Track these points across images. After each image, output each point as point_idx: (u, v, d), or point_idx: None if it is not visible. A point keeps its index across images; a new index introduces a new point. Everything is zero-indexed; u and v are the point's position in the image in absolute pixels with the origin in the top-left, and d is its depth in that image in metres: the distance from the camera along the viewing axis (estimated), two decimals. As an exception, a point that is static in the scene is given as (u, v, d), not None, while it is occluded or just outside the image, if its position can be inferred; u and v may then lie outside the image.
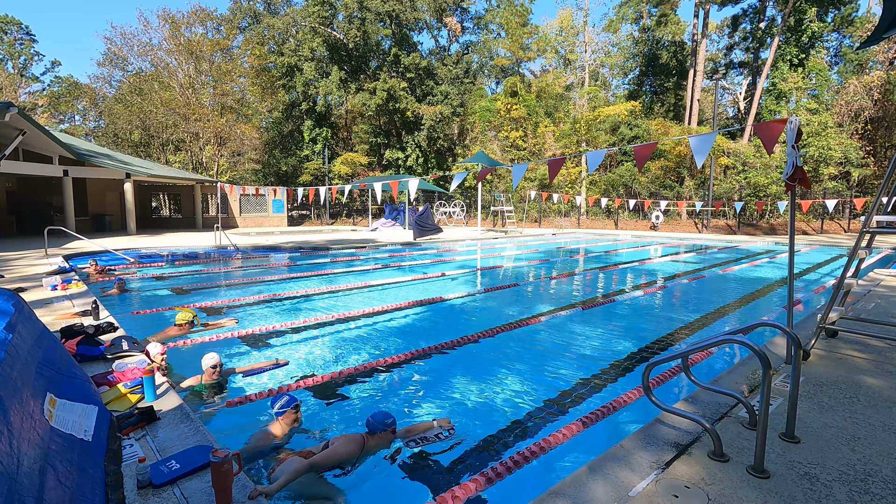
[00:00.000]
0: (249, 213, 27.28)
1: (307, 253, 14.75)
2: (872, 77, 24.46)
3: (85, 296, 6.99)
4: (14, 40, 44.20)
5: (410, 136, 32.15)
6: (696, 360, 4.76)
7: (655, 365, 2.91)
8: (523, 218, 29.74)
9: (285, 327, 6.13)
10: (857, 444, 2.75)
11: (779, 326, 2.81)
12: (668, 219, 26.67)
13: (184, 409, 3.22)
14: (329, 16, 32.53)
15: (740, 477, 2.41)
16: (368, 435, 3.01)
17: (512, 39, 38.30)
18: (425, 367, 4.82)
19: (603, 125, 30.15)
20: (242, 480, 2.37)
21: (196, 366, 4.10)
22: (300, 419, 3.29)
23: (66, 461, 2.13)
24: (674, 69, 37.73)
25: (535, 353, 5.37)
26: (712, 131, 5.16)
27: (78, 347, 4.17)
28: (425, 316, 7.06)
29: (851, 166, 23.90)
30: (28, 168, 16.72)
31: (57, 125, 39.33)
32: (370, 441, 2.99)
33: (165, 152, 35.10)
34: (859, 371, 3.91)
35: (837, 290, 4.40)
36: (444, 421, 3.45)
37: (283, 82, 33.59)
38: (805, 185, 3.69)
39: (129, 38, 32.87)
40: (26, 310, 2.81)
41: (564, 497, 2.26)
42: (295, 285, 9.21)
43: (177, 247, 15.13)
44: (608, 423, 3.48)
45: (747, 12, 33.16)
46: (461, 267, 12.17)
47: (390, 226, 25.95)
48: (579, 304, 7.77)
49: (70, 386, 2.77)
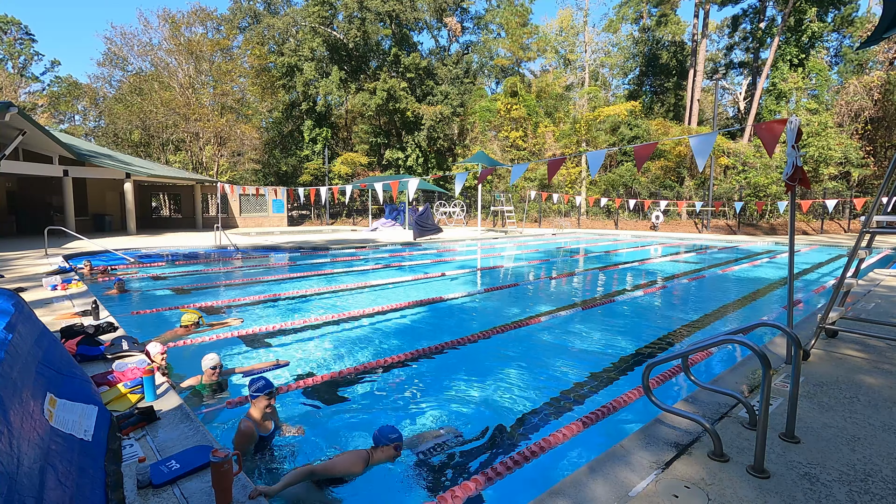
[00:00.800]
0: (249, 213, 27.28)
1: (307, 253, 14.75)
2: (872, 77, 24.46)
3: (85, 296, 6.99)
4: (14, 40, 44.19)
5: (410, 136, 32.14)
6: (696, 360, 4.76)
7: (655, 365, 2.91)
8: (523, 218, 29.74)
9: (285, 327, 6.13)
10: (857, 444, 2.75)
11: (779, 326, 2.81)
12: (668, 219, 26.67)
13: (184, 409, 3.22)
14: (329, 16, 32.53)
15: (740, 477, 2.41)
16: (373, 449, 2.97)
17: (512, 39, 38.29)
18: (425, 367, 4.81)
19: (603, 125, 30.15)
20: (242, 480, 2.37)
21: (196, 366, 4.10)
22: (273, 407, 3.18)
23: (66, 461, 2.13)
24: (674, 69, 37.72)
25: (536, 353, 5.37)
26: (712, 131, 5.16)
27: (78, 347, 4.17)
28: (425, 316, 7.05)
29: (851, 166, 23.90)
30: (28, 168, 16.72)
31: (57, 125, 39.34)
32: (375, 455, 2.94)
33: (165, 152, 35.11)
34: (859, 371, 3.91)
35: (837, 290, 4.40)
36: (450, 429, 3.48)
37: (283, 82, 33.60)
38: (805, 185, 3.69)
39: (129, 38, 32.93)
40: (26, 310, 2.81)
41: (565, 497, 2.26)
42: (295, 285, 9.21)
43: (177, 247, 15.13)
44: (608, 422, 3.48)
45: (747, 12, 33.16)
46: (461, 267, 12.17)
47: (390, 226, 25.95)
48: (579, 304, 7.77)
49: (70, 386, 2.77)
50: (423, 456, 3.14)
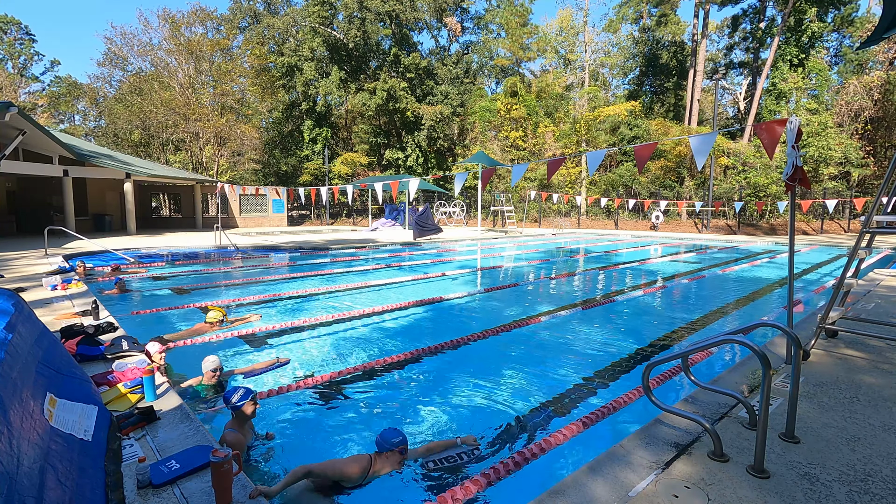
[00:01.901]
0: (249, 213, 27.28)
1: (307, 253, 14.74)
2: (872, 77, 24.45)
3: (85, 296, 6.99)
4: (14, 40, 44.19)
5: (410, 136, 32.14)
6: (696, 360, 4.76)
7: (655, 365, 2.91)
8: (523, 218, 29.74)
9: (285, 327, 6.13)
10: (857, 444, 2.74)
11: (779, 326, 2.81)
12: (668, 219, 26.66)
13: (184, 409, 3.22)
14: (329, 16, 32.53)
15: (740, 477, 2.41)
16: (377, 455, 2.85)
17: (512, 39, 38.29)
18: (425, 367, 4.81)
19: (603, 125, 30.14)
20: (242, 480, 2.38)
21: (196, 366, 4.10)
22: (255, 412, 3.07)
23: (66, 461, 2.13)
24: (674, 69, 37.72)
25: (536, 353, 5.37)
26: (712, 131, 5.16)
27: (78, 347, 4.17)
28: (425, 316, 7.05)
29: (851, 166, 23.90)
30: (28, 168, 16.72)
31: (57, 125, 39.36)
32: (378, 462, 2.81)
33: (165, 152, 35.10)
34: (859, 371, 3.91)
35: (837, 290, 4.40)
36: (468, 438, 3.17)
37: (283, 82, 33.60)
38: (805, 185, 3.69)
39: (129, 38, 32.93)
40: (26, 310, 2.81)
41: (565, 497, 2.26)
42: (295, 285, 9.21)
43: (177, 247, 15.13)
44: (608, 423, 3.48)
45: (747, 12, 33.16)
46: (461, 267, 12.17)
47: (390, 226, 25.95)
48: (579, 304, 7.77)
49: (70, 386, 2.77)
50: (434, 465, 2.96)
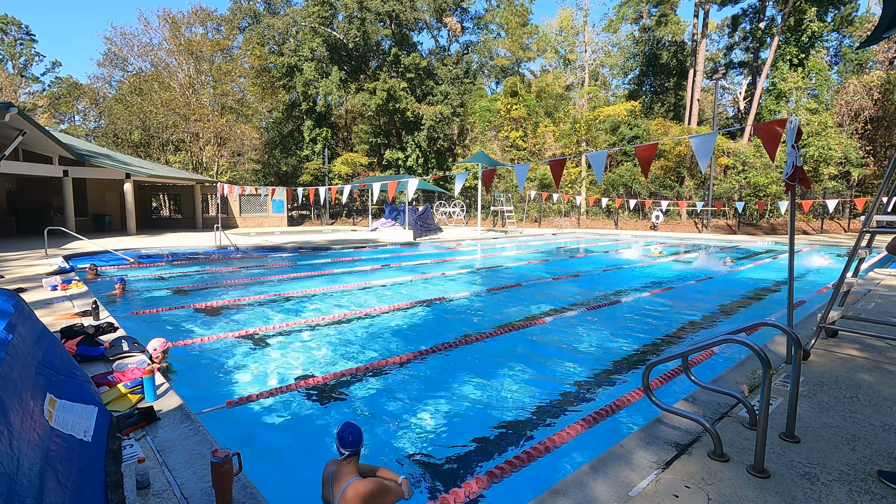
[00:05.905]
0: (249, 213, 27.27)
1: (307, 253, 14.74)
2: (872, 77, 24.45)
3: (85, 296, 6.99)
4: (14, 40, 44.20)
5: (410, 136, 32.14)
6: (697, 361, 4.76)
7: (656, 365, 2.91)
8: (523, 218, 29.74)
9: (285, 327, 6.13)
10: (857, 444, 2.74)
11: (779, 326, 2.81)
12: (668, 219, 26.66)
13: (184, 409, 3.22)
14: (329, 16, 32.52)
15: (740, 477, 2.41)
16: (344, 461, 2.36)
17: (512, 39, 38.28)
18: (426, 367, 4.81)
19: (603, 125, 30.14)
20: (242, 480, 2.38)
21: (197, 366, 4.10)
22: None
23: (66, 461, 2.13)
24: (674, 69, 37.71)
25: (536, 353, 5.36)
26: (712, 131, 5.16)
27: (78, 348, 4.17)
28: (425, 316, 7.05)
29: (851, 166, 23.90)
30: (28, 168, 16.71)
31: (57, 125, 39.34)
32: None
33: (165, 152, 35.08)
34: (859, 371, 3.91)
35: (837, 290, 4.40)
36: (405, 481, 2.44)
37: (283, 82, 33.58)
38: (805, 185, 3.69)
39: (129, 39, 32.90)
40: (26, 310, 2.80)
41: (566, 496, 2.26)
42: (295, 285, 9.20)
43: (177, 247, 15.13)
44: (609, 422, 3.48)
45: (747, 12, 33.14)
46: (461, 267, 12.17)
47: (390, 226, 25.94)
48: (579, 304, 7.77)
49: (70, 386, 2.77)
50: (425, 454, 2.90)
